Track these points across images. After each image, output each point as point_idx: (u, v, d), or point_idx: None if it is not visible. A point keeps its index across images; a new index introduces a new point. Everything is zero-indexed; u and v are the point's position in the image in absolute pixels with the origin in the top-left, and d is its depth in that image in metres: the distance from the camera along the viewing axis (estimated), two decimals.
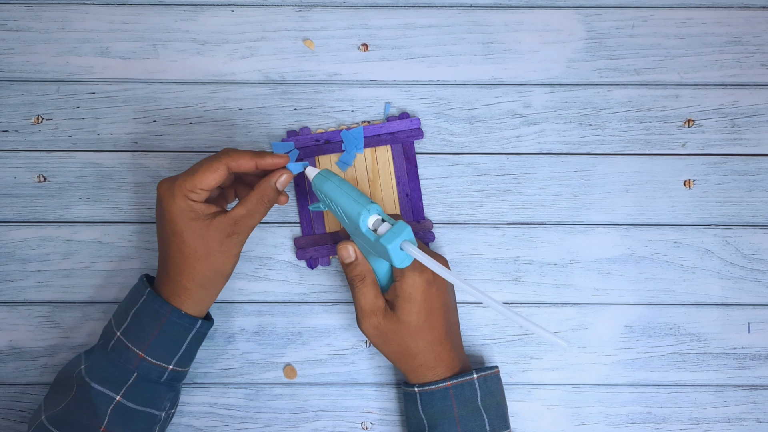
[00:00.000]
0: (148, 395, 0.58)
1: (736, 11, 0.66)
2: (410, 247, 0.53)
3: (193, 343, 0.59)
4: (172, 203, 0.55)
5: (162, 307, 0.57)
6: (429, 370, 0.59)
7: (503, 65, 0.66)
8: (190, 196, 0.55)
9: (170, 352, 0.58)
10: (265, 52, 0.66)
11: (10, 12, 0.66)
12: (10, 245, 0.66)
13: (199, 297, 0.58)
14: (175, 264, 0.57)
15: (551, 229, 0.66)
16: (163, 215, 0.56)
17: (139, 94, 0.66)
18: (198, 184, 0.55)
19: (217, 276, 0.58)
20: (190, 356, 0.60)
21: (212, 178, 0.55)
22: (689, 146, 0.66)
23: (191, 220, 0.55)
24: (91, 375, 0.57)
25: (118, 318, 0.58)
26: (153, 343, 0.57)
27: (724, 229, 0.66)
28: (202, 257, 0.56)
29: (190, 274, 0.57)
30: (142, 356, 0.57)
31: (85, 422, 0.56)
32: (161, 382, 0.58)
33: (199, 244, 0.56)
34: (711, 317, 0.66)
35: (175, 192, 0.55)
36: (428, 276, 0.58)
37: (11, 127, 0.66)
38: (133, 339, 0.57)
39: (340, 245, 0.59)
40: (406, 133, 0.65)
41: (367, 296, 0.58)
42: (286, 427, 0.66)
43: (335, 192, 0.56)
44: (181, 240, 0.56)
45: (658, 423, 0.66)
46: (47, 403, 0.58)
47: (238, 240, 0.57)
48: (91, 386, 0.56)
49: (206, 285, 0.57)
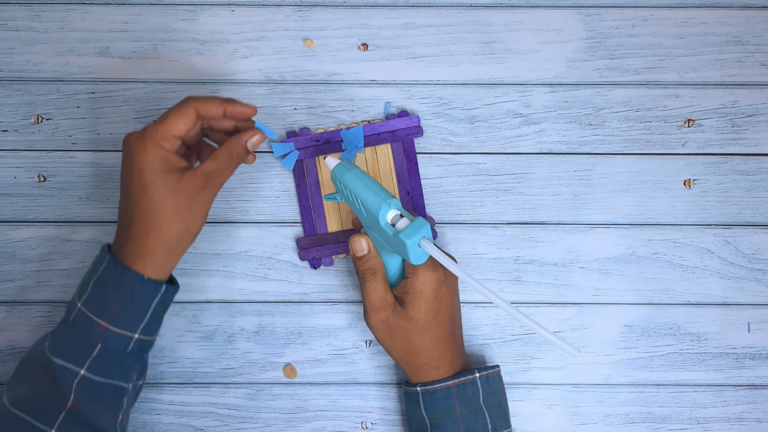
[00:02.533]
0: (114, 367, 0.55)
1: (736, 11, 0.66)
2: (428, 245, 0.53)
3: (159, 309, 0.56)
4: (143, 154, 0.53)
5: (125, 274, 0.54)
6: (432, 369, 0.59)
7: (503, 65, 0.66)
8: (162, 144, 0.53)
9: (135, 321, 0.55)
10: (265, 51, 0.66)
11: (10, 12, 0.66)
12: (10, 245, 0.66)
13: (164, 259, 0.55)
14: (142, 222, 0.54)
15: (551, 228, 0.66)
16: (131, 170, 0.54)
17: (139, 94, 0.66)
18: (170, 130, 0.54)
19: (185, 235, 0.55)
20: (156, 324, 0.57)
21: (183, 122, 0.54)
22: (689, 146, 0.66)
23: (162, 172, 0.53)
24: (54, 350, 0.54)
25: (79, 290, 0.56)
26: (117, 312, 0.54)
27: (724, 229, 0.66)
28: (172, 214, 0.54)
29: (157, 233, 0.54)
30: (106, 326, 0.54)
31: (51, 400, 0.54)
32: (127, 353, 0.55)
33: (170, 199, 0.54)
34: (711, 317, 0.66)
35: (146, 141, 0.53)
36: (440, 275, 0.58)
37: (11, 127, 0.66)
38: (96, 309, 0.54)
39: (353, 238, 0.59)
40: (405, 131, 0.65)
41: (378, 290, 0.58)
42: (286, 426, 0.66)
43: (356, 184, 0.56)
44: (150, 195, 0.53)
45: (658, 423, 0.66)
46: (10, 385, 0.56)
47: (208, 197, 0.55)
48: (54, 362, 0.54)
49: (172, 245, 0.55)
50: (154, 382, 0.66)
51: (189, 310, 0.66)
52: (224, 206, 0.66)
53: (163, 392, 0.66)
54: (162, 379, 0.66)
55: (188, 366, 0.66)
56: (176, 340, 0.66)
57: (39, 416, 0.54)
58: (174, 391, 0.66)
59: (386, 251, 0.58)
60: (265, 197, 0.66)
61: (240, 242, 0.66)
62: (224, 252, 0.66)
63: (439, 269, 0.58)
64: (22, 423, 0.53)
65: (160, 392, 0.66)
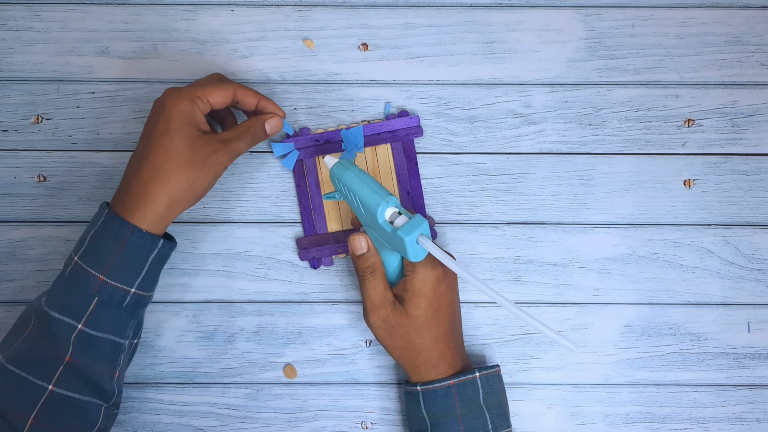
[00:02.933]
0: (111, 322, 0.55)
1: (736, 11, 0.66)
2: (426, 242, 0.53)
3: (155, 264, 0.57)
4: (177, 103, 0.56)
5: (122, 227, 0.54)
6: (432, 368, 0.59)
7: (503, 65, 0.66)
8: (196, 102, 0.57)
9: (132, 274, 0.55)
10: (264, 51, 0.66)
11: (10, 12, 0.66)
12: (10, 245, 0.66)
13: (164, 209, 0.55)
14: (153, 167, 0.55)
15: (551, 228, 0.66)
16: (160, 116, 0.56)
17: (139, 94, 0.66)
18: (207, 94, 0.57)
19: (188, 192, 0.56)
20: (153, 279, 0.58)
21: (220, 95, 0.58)
22: (689, 146, 0.66)
23: (187, 124, 0.56)
24: (50, 304, 0.55)
25: (77, 245, 0.56)
26: (114, 265, 0.54)
27: (724, 229, 0.66)
28: (184, 163, 0.55)
29: (165, 180, 0.55)
30: (103, 279, 0.54)
31: (48, 355, 0.54)
32: (123, 307, 0.56)
33: (186, 149, 0.55)
34: (711, 317, 0.66)
35: (183, 94, 0.57)
36: (439, 273, 0.58)
37: (11, 127, 0.66)
38: (92, 262, 0.54)
39: (352, 236, 0.59)
40: (405, 131, 0.65)
41: (377, 288, 0.58)
42: (286, 426, 0.66)
43: (354, 182, 0.56)
44: (170, 139, 0.55)
45: (658, 423, 0.66)
46: (3, 344, 0.56)
47: (221, 160, 0.57)
48: (51, 315, 0.54)
49: (176, 197, 0.56)
50: (154, 382, 0.66)
51: (189, 310, 0.66)
52: (224, 206, 0.66)
53: (163, 392, 0.66)
54: (162, 379, 0.66)
55: (188, 366, 0.66)
56: (176, 340, 0.66)
57: (36, 372, 0.54)
58: (174, 391, 0.66)
59: (385, 249, 0.58)
60: (265, 197, 0.66)
61: (240, 242, 0.66)
62: (224, 252, 0.66)
63: (439, 267, 0.58)
64: (19, 379, 0.54)
65: (160, 392, 0.66)
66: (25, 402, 0.53)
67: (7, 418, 0.53)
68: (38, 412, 0.53)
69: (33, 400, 0.53)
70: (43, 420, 0.53)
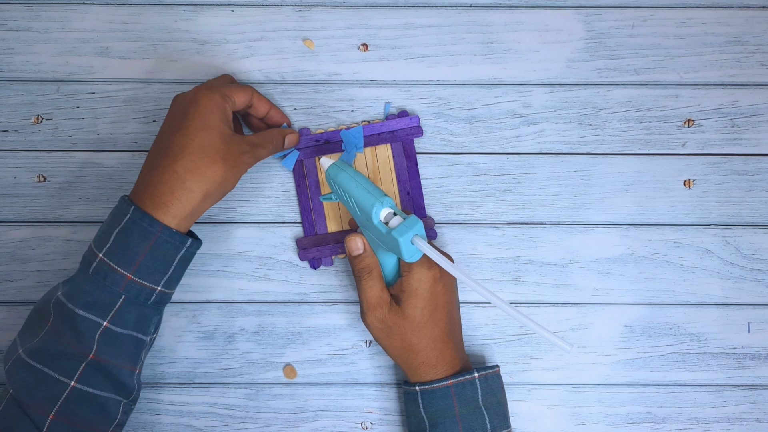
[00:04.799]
0: (135, 319, 0.56)
1: (736, 11, 0.66)
2: (420, 242, 0.54)
3: (182, 262, 0.57)
4: (211, 99, 0.56)
5: (152, 225, 0.54)
6: (430, 368, 0.59)
7: (503, 65, 0.66)
8: (227, 100, 0.58)
9: (159, 273, 0.56)
10: (264, 52, 0.66)
11: (10, 12, 0.66)
12: (10, 245, 0.66)
13: (196, 204, 0.55)
14: (189, 161, 0.55)
15: (551, 228, 0.66)
16: (193, 110, 0.56)
17: (139, 94, 0.66)
18: (233, 94, 0.59)
19: (220, 188, 0.57)
20: (178, 277, 0.58)
21: (243, 97, 0.60)
22: (689, 146, 0.66)
23: (222, 121, 0.57)
24: (74, 301, 0.54)
25: (99, 240, 0.55)
26: (142, 264, 0.54)
27: (724, 229, 0.66)
28: (220, 161, 0.56)
29: (201, 175, 0.55)
30: (131, 278, 0.54)
31: (71, 351, 0.54)
32: (148, 305, 0.56)
33: (221, 146, 0.56)
34: (711, 317, 0.66)
35: (215, 91, 0.57)
36: (435, 272, 0.58)
37: (11, 127, 0.66)
38: (119, 260, 0.54)
39: (349, 237, 0.59)
40: (405, 131, 0.65)
41: (374, 289, 0.58)
42: (286, 427, 0.66)
43: (349, 183, 0.56)
44: (208, 134, 0.55)
45: (658, 423, 0.66)
46: (23, 337, 0.56)
47: (247, 162, 0.58)
48: (76, 313, 0.54)
49: (208, 193, 0.56)
50: (154, 382, 0.66)
51: (189, 310, 0.66)
52: (224, 206, 0.66)
53: (163, 392, 0.66)
54: (162, 379, 0.66)
55: (188, 366, 0.66)
56: (176, 340, 0.66)
57: (58, 368, 0.54)
58: (174, 391, 0.66)
59: (382, 250, 0.58)
60: (265, 197, 0.66)
61: (240, 242, 0.66)
62: (224, 252, 0.66)
63: (435, 267, 0.58)
64: (41, 375, 0.54)
65: (160, 392, 0.66)
66: (46, 397, 0.54)
67: (28, 412, 0.53)
68: (59, 408, 0.54)
69: (55, 395, 0.54)
70: (64, 415, 0.54)
